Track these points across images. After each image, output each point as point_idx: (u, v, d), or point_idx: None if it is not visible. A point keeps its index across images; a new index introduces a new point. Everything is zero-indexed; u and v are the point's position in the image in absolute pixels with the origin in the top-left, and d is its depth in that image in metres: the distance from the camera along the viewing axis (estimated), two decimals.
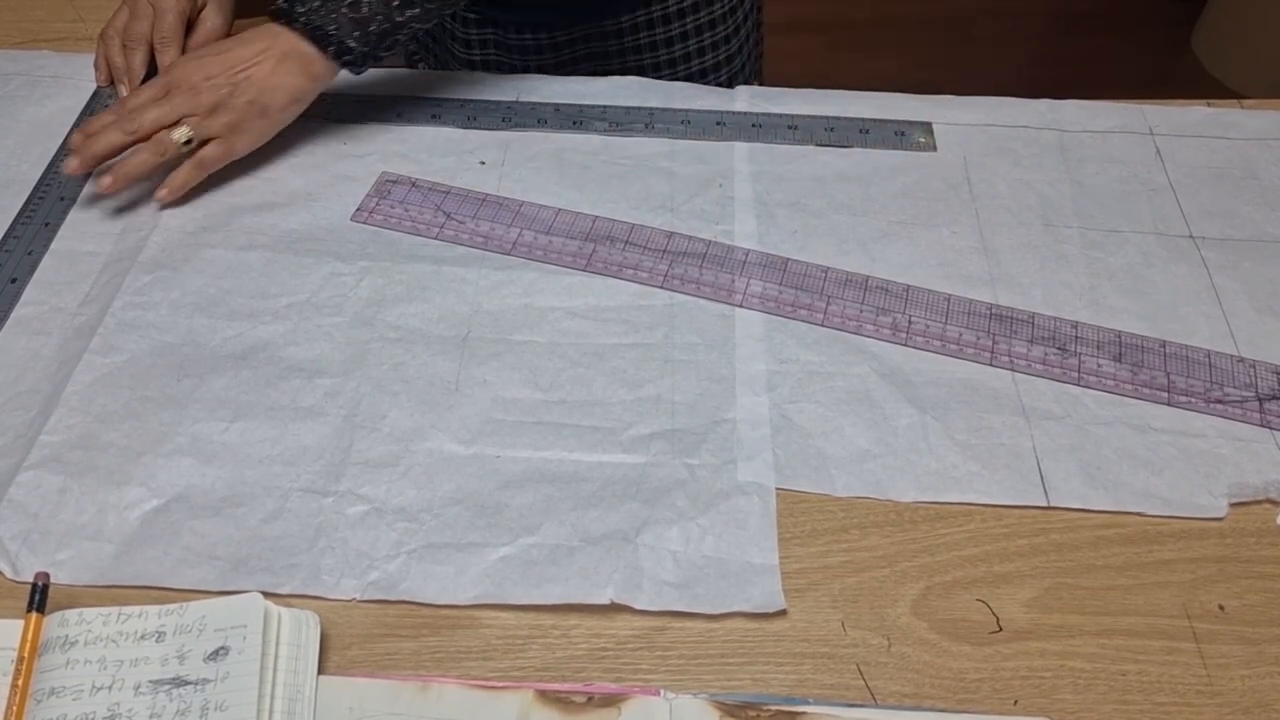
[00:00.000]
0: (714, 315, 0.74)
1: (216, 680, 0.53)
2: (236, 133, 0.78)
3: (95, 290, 0.75)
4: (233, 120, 0.78)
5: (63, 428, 0.66)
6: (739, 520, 0.62)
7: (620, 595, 0.59)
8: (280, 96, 0.78)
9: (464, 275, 0.76)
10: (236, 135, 0.79)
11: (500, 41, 1.01)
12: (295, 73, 0.78)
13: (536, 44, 0.99)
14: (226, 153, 0.79)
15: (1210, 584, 0.60)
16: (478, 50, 1.03)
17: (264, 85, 0.78)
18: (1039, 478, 0.65)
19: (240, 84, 0.77)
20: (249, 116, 0.78)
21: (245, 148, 0.80)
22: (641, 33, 0.97)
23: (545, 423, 0.67)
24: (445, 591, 0.59)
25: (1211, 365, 0.71)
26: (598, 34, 0.98)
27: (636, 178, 0.83)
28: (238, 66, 0.77)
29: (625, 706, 0.54)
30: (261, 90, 0.77)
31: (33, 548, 0.60)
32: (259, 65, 0.77)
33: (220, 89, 0.77)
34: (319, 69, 0.79)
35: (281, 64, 0.78)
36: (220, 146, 0.78)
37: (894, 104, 0.90)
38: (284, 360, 0.70)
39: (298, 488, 0.63)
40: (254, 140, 0.80)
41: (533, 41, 0.99)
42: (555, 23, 0.97)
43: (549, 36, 0.98)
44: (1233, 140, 0.87)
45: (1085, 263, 0.78)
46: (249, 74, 0.77)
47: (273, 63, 0.78)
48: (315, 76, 0.79)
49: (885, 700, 0.56)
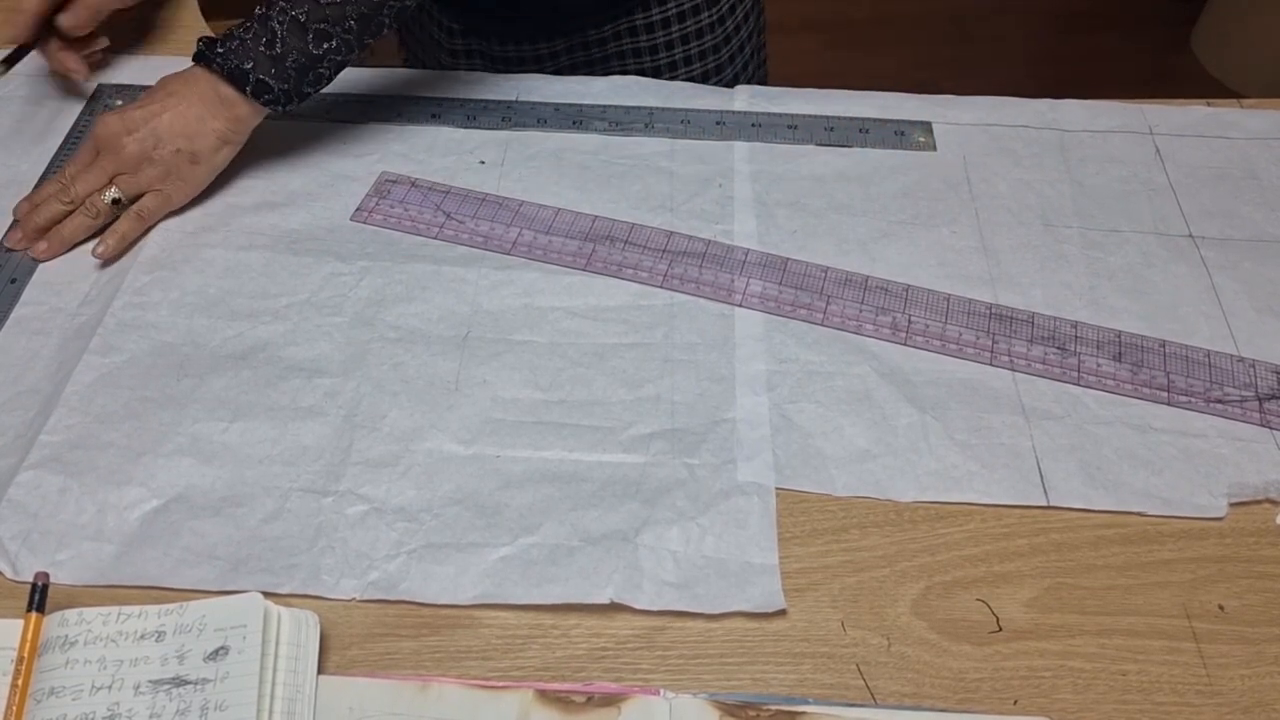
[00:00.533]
0: (714, 315, 0.74)
1: (216, 680, 0.53)
2: (170, 183, 0.77)
3: (95, 290, 0.75)
4: (162, 172, 0.77)
5: (62, 428, 0.66)
6: (739, 520, 0.62)
7: (620, 595, 0.59)
8: (208, 141, 0.77)
9: (464, 275, 0.76)
10: (171, 185, 0.77)
11: (485, 52, 1.00)
12: (219, 115, 0.77)
13: (520, 55, 0.99)
14: (164, 203, 0.78)
15: (1210, 584, 0.60)
16: (463, 60, 1.02)
17: (189, 132, 0.76)
18: (1039, 477, 0.65)
19: (163, 135, 0.76)
20: (179, 164, 0.77)
21: (182, 197, 0.79)
22: (625, 40, 0.97)
23: (545, 422, 0.67)
24: (445, 591, 0.59)
25: (1211, 365, 0.71)
26: (581, 44, 0.97)
27: (636, 177, 0.83)
28: (159, 115, 0.76)
29: (625, 706, 0.54)
30: (187, 137, 0.76)
31: (33, 548, 0.60)
32: (180, 111, 0.76)
33: (144, 142, 0.76)
34: (241, 110, 0.77)
35: (204, 107, 0.77)
36: (156, 198, 0.77)
37: (894, 103, 0.90)
38: (284, 360, 0.70)
39: (298, 488, 0.63)
40: (190, 188, 0.79)
41: (515, 53, 0.99)
42: (538, 34, 0.97)
43: (533, 47, 0.98)
44: (1232, 140, 0.87)
45: (1085, 262, 0.78)
46: (171, 122, 0.76)
47: (196, 108, 0.76)
48: (239, 118, 0.78)
49: (885, 700, 0.56)
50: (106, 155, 0.77)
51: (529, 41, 0.98)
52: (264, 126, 0.85)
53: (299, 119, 0.87)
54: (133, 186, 0.77)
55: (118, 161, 0.76)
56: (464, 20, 1.00)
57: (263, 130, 0.85)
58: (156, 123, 0.76)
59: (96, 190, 0.77)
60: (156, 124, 0.76)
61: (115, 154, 0.76)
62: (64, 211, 0.77)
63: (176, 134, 0.76)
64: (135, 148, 0.76)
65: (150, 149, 0.76)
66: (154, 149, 0.76)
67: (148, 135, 0.76)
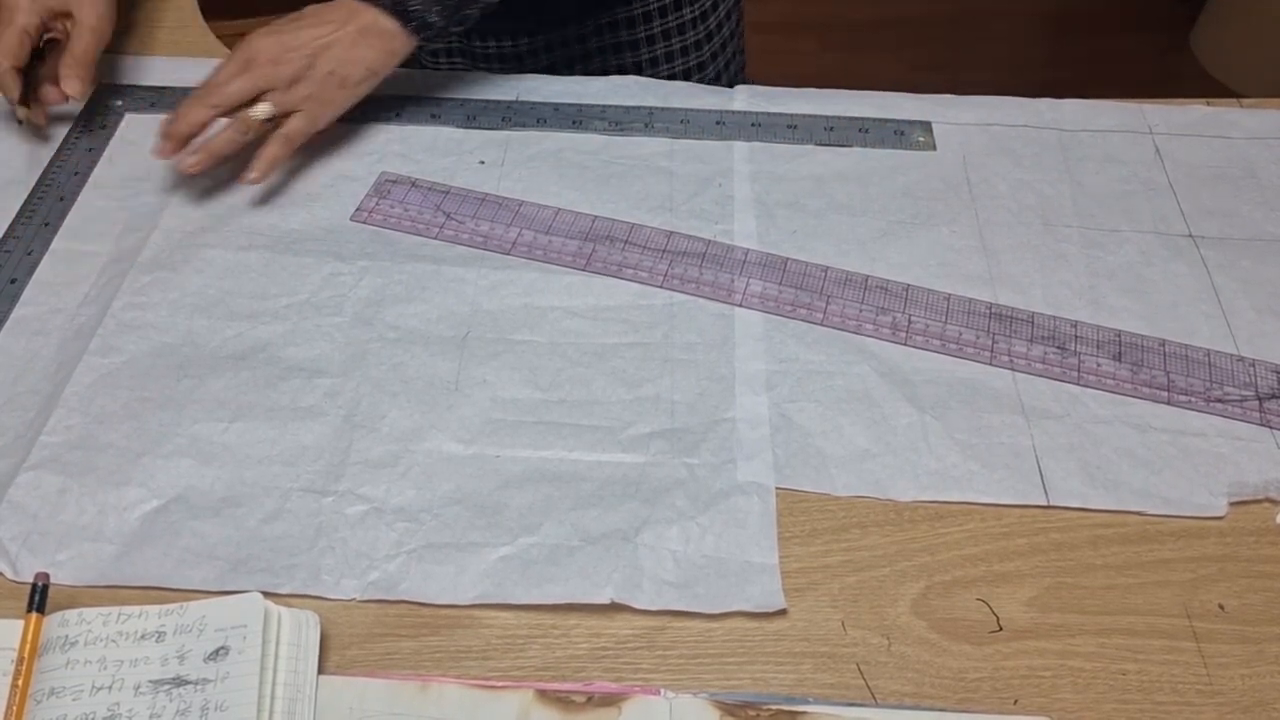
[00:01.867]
0: (713, 315, 0.74)
1: (216, 680, 0.53)
2: (317, 104, 0.78)
3: (95, 291, 0.75)
4: (313, 92, 0.77)
5: (62, 428, 0.66)
6: (739, 520, 0.62)
7: (620, 595, 0.59)
8: (359, 69, 0.78)
9: (463, 275, 0.76)
10: (318, 107, 0.78)
11: (466, 50, 1.00)
12: (375, 47, 0.78)
13: (500, 52, 0.99)
14: (310, 125, 0.79)
15: (1210, 583, 0.60)
16: (444, 59, 1.02)
17: (344, 57, 0.77)
18: (1039, 477, 0.65)
19: (319, 55, 0.76)
20: (329, 88, 0.77)
21: (326, 120, 0.80)
22: (606, 35, 0.97)
23: (545, 422, 0.67)
24: (445, 591, 0.59)
25: (1211, 364, 0.71)
26: (559, 40, 0.97)
27: (636, 177, 0.83)
28: (317, 39, 0.76)
29: (625, 706, 0.54)
30: (341, 62, 0.77)
31: (33, 549, 0.60)
32: (338, 37, 0.77)
33: (298, 61, 0.76)
34: (398, 44, 0.79)
35: (362, 38, 0.77)
36: (303, 119, 0.78)
37: (893, 104, 0.90)
38: (283, 360, 0.70)
39: (297, 488, 0.63)
40: (334, 112, 0.79)
41: (496, 50, 0.99)
42: (518, 29, 0.97)
43: (513, 44, 0.98)
44: (1232, 139, 0.87)
45: (1085, 262, 0.78)
46: (328, 46, 0.76)
47: (353, 35, 0.77)
48: (393, 52, 0.79)
49: (885, 700, 0.56)
50: (258, 69, 0.76)
51: (510, 38, 0.98)
52: None
53: None
54: (283, 104, 0.77)
55: (270, 77, 0.76)
56: None
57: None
58: (314, 45, 0.76)
59: (246, 102, 0.76)
60: (313, 46, 0.76)
61: (269, 68, 0.76)
62: (208, 117, 0.77)
63: (332, 56, 0.76)
64: (289, 67, 0.76)
65: (304, 69, 0.76)
66: (307, 70, 0.76)
67: (302, 56, 0.76)
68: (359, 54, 0.77)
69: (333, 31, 0.77)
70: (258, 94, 0.76)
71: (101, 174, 0.83)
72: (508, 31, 0.98)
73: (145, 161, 0.83)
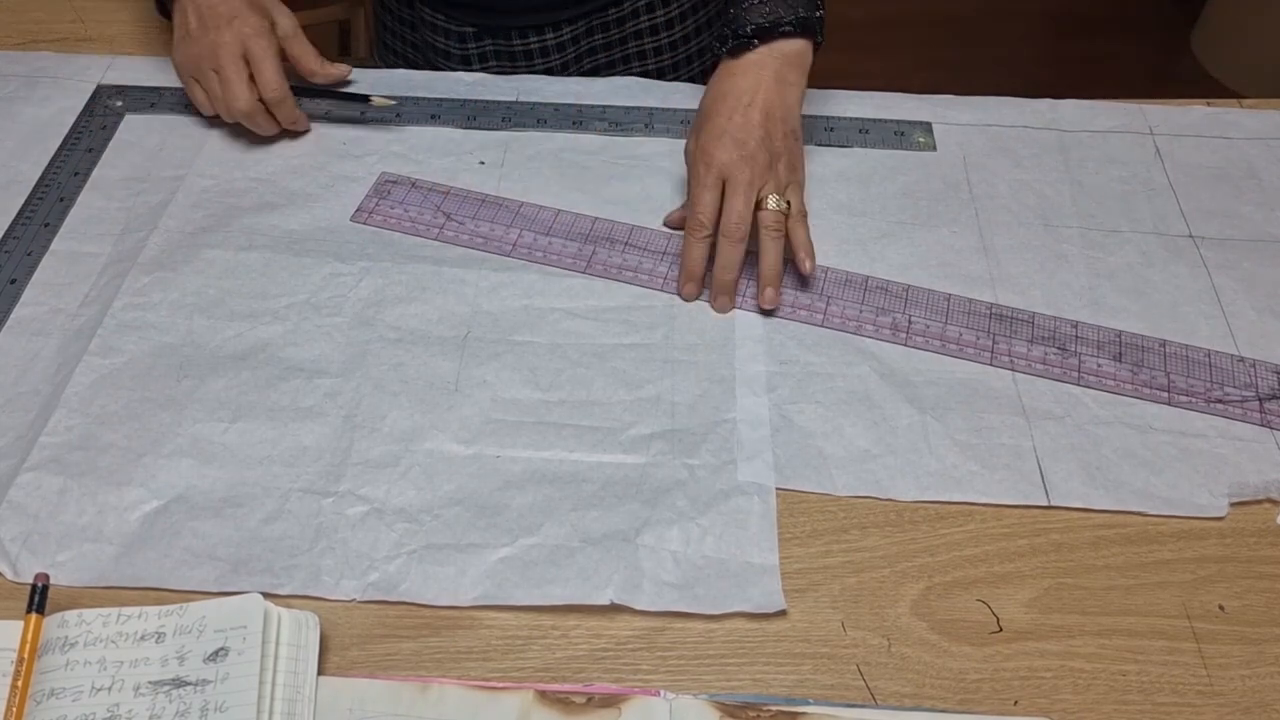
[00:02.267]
0: (714, 316, 0.74)
1: (216, 681, 0.53)
2: (796, 169, 0.76)
3: (95, 291, 0.75)
4: (788, 160, 0.75)
5: (62, 429, 0.66)
6: (739, 520, 0.62)
7: (620, 596, 0.59)
8: (796, 111, 0.76)
9: (463, 276, 0.76)
10: (795, 171, 0.76)
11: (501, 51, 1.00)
12: (793, 80, 0.76)
13: (480, 52, 0.98)
14: (801, 191, 0.76)
15: (1210, 584, 0.60)
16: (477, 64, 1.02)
17: (783, 115, 0.75)
18: (1040, 478, 0.65)
19: (772, 131, 0.74)
20: (793, 148, 0.75)
21: (805, 175, 0.78)
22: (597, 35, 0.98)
23: (545, 423, 0.67)
24: (446, 593, 0.59)
25: (1212, 365, 0.71)
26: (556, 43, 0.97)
27: (636, 178, 0.83)
28: (753, 117, 0.74)
29: (625, 707, 0.54)
30: (784, 120, 0.75)
31: (33, 549, 0.60)
32: (769, 100, 0.75)
33: (760, 149, 0.73)
34: (809, 59, 0.77)
35: (778, 81, 0.75)
36: (798, 190, 0.76)
37: (893, 104, 0.90)
38: (284, 361, 0.70)
39: (298, 488, 0.63)
40: (803, 163, 0.78)
41: (475, 50, 0.98)
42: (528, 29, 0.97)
43: (507, 43, 0.97)
44: (1232, 140, 0.87)
45: (1085, 263, 0.78)
46: (768, 115, 0.74)
47: (775, 87, 0.75)
48: (807, 69, 0.77)
49: (885, 700, 0.56)
50: (740, 182, 0.73)
51: (490, 37, 0.97)
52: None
53: None
54: (779, 191, 0.74)
55: (755, 181, 0.73)
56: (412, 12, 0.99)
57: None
58: (761, 128, 0.74)
59: (748, 215, 0.73)
60: (763, 129, 0.74)
61: (749, 177, 0.73)
62: (709, 246, 0.74)
63: (778, 124, 0.75)
64: (763, 160, 0.73)
65: (771, 153, 0.74)
66: (772, 150, 0.74)
67: (761, 145, 0.74)
68: (789, 97, 0.76)
69: (762, 99, 0.74)
70: (756, 199, 0.74)
71: (101, 174, 0.83)
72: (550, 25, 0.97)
73: (145, 162, 0.84)
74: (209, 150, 0.85)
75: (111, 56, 0.93)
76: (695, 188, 0.75)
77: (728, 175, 0.73)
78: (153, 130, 0.87)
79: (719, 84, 0.77)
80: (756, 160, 0.73)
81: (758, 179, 0.73)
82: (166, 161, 0.84)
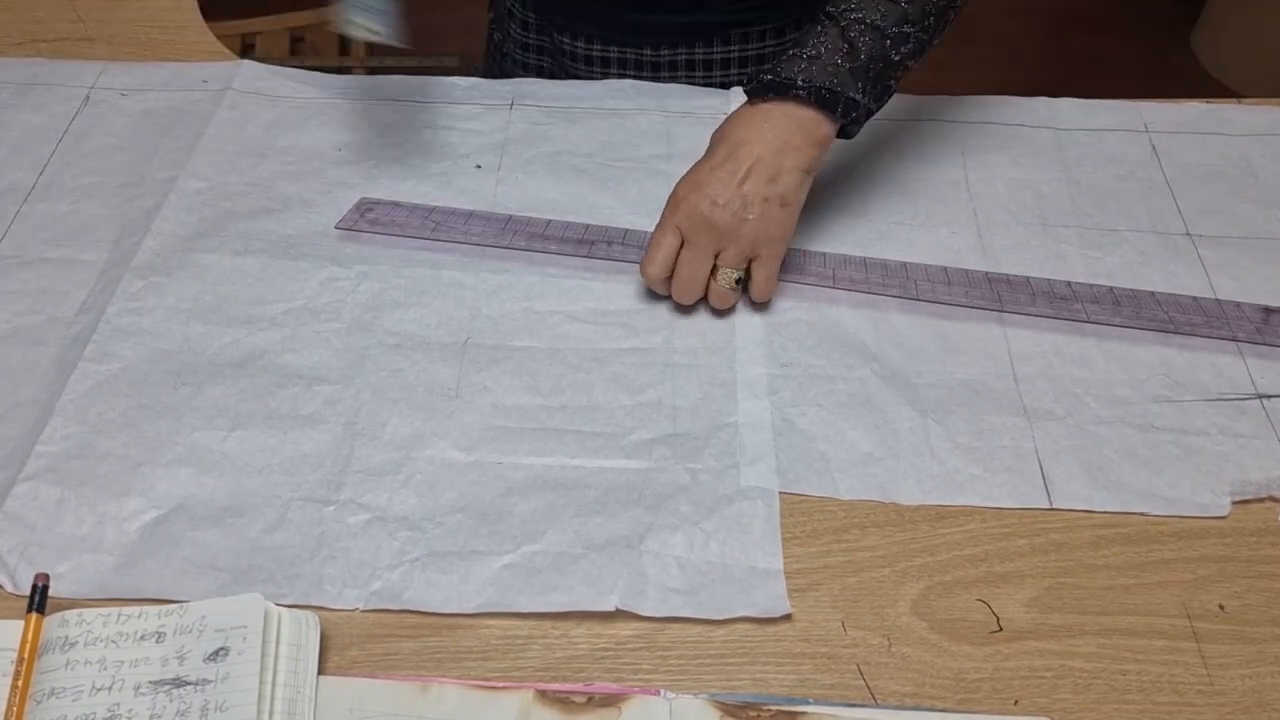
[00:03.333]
0: (714, 319, 0.73)
1: (216, 681, 0.53)
2: (774, 240, 0.71)
3: (91, 298, 0.74)
4: (757, 230, 0.70)
5: (59, 437, 0.65)
6: (743, 525, 0.62)
7: (625, 602, 0.59)
8: (792, 179, 0.70)
9: (462, 279, 0.75)
10: (775, 242, 0.71)
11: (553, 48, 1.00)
12: (798, 148, 0.70)
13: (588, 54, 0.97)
14: (774, 262, 0.72)
15: (1210, 584, 0.61)
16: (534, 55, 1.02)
17: (772, 177, 0.70)
18: (1041, 480, 0.65)
19: (749, 194, 0.69)
20: (770, 214, 0.70)
21: (783, 247, 0.72)
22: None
23: (547, 428, 0.67)
24: (450, 600, 0.59)
25: (1202, 309, 0.74)
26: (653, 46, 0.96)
27: (634, 180, 0.83)
28: (736, 174, 0.70)
29: (625, 706, 0.54)
30: (771, 183, 0.70)
31: (32, 561, 0.60)
32: (759, 160, 0.70)
33: (730, 208, 0.69)
34: (824, 133, 0.70)
35: (782, 145, 0.70)
36: (766, 262, 0.71)
37: (893, 103, 0.90)
38: (282, 367, 0.70)
39: (298, 497, 0.63)
40: (787, 234, 0.72)
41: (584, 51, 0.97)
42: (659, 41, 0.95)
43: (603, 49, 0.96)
44: (1229, 137, 0.87)
45: (1083, 262, 0.78)
46: (754, 176, 0.69)
47: (773, 148, 0.70)
48: (821, 143, 0.71)
49: (885, 700, 0.56)
50: (699, 237, 0.70)
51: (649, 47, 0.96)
52: (256, 133, 0.86)
53: (292, 122, 0.87)
54: (739, 259, 0.71)
55: (712, 239, 0.70)
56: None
57: (258, 136, 0.85)
58: (739, 185, 0.69)
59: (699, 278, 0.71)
60: (740, 186, 0.69)
61: (707, 233, 0.70)
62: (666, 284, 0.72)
63: (761, 184, 0.69)
64: (726, 218, 0.69)
65: (740, 212, 0.69)
66: (743, 210, 0.69)
67: (733, 200, 0.69)
68: (786, 163, 0.70)
69: (749, 155, 0.70)
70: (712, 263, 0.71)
71: (98, 179, 0.83)
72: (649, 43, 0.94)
73: (139, 165, 0.83)
74: (201, 152, 0.84)
75: (105, 62, 0.93)
76: (658, 226, 0.72)
77: (685, 231, 0.71)
78: (144, 132, 0.86)
79: (727, 123, 0.73)
80: (718, 223, 0.69)
81: (713, 243, 0.70)
82: (160, 164, 0.84)
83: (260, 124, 0.87)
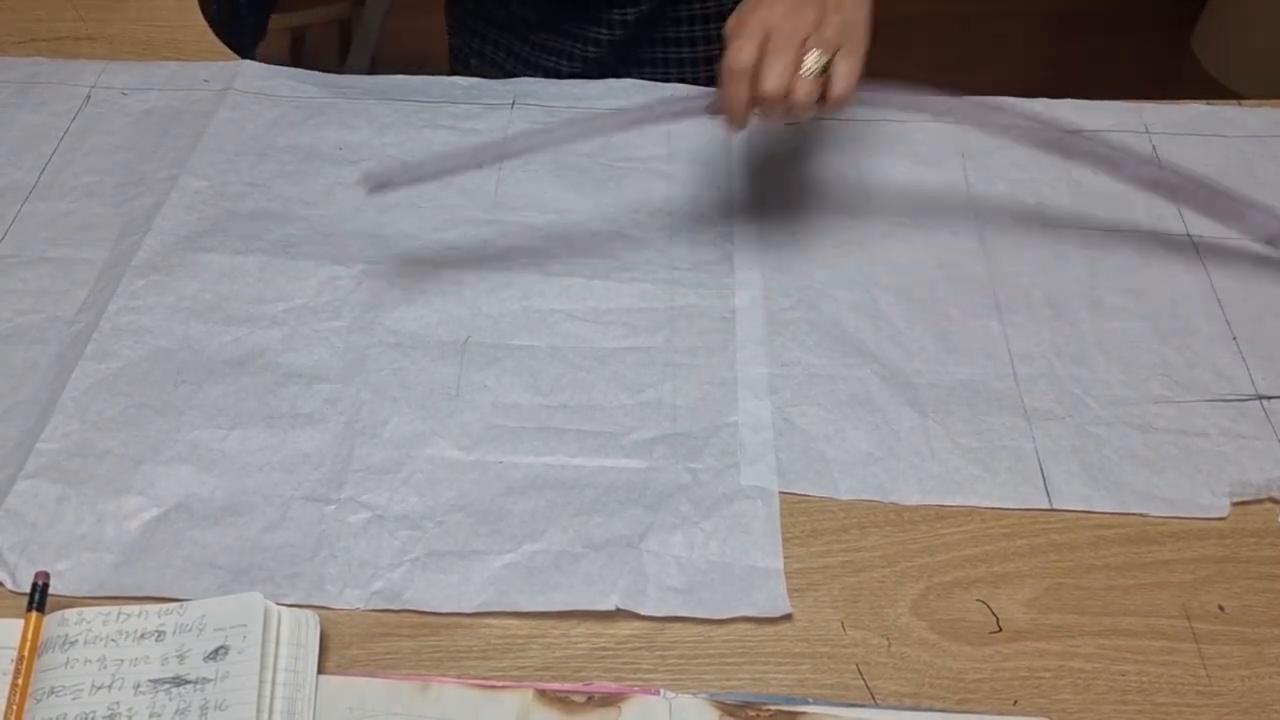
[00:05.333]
0: (715, 318, 0.73)
1: (216, 679, 0.53)
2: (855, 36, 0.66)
3: (91, 297, 0.74)
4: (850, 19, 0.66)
5: (59, 435, 0.65)
6: (743, 524, 0.62)
7: (625, 602, 0.59)
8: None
9: (462, 277, 0.75)
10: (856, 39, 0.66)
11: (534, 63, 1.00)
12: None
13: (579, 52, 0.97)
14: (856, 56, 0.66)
15: (1210, 584, 0.61)
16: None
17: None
18: (1041, 480, 0.65)
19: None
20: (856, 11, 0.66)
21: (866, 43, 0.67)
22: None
23: (547, 428, 0.67)
24: (450, 600, 0.59)
25: None
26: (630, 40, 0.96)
27: (635, 181, 0.83)
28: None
29: (625, 706, 0.54)
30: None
31: (31, 559, 0.60)
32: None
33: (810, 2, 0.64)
34: None
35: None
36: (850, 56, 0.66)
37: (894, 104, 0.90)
38: (282, 366, 0.70)
39: (299, 496, 0.63)
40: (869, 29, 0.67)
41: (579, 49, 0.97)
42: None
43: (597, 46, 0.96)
44: (1229, 138, 0.87)
45: (1084, 262, 0.78)
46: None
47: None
48: None
49: (885, 700, 0.56)
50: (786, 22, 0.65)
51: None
52: (257, 132, 0.85)
53: (295, 125, 0.87)
54: (826, 46, 0.65)
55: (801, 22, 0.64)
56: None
57: (258, 136, 0.85)
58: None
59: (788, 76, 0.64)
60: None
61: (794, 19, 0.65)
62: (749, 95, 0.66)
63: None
64: (810, 14, 0.64)
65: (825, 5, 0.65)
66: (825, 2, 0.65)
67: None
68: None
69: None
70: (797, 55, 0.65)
71: (98, 178, 0.83)
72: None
73: (140, 164, 0.83)
74: (201, 151, 0.84)
75: (106, 62, 0.93)
76: (731, 44, 0.65)
77: (769, 26, 0.64)
78: (145, 132, 0.86)
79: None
80: (804, 15, 0.64)
81: (802, 29, 0.64)
82: (160, 163, 0.84)
83: (261, 123, 0.87)
